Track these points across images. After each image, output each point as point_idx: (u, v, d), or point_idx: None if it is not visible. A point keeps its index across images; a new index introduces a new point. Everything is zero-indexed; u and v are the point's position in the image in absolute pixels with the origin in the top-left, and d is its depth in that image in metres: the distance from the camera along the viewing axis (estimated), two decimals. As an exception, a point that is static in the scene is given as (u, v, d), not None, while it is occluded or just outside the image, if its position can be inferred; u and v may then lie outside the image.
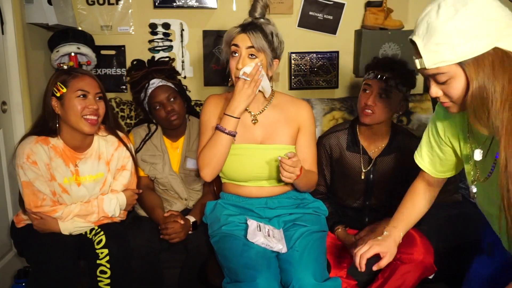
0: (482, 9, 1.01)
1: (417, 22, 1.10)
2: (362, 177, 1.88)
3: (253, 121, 1.74)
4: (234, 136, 1.65)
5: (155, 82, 2.04)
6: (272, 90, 1.78)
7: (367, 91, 1.80)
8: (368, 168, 1.88)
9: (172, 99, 2.02)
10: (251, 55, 1.63)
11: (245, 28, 1.66)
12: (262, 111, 1.75)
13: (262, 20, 1.69)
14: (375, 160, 1.88)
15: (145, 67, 2.09)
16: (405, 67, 1.80)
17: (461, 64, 1.02)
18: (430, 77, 1.09)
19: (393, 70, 1.76)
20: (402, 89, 1.78)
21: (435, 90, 1.10)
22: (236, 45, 1.64)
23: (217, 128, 1.66)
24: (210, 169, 1.68)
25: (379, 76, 1.77)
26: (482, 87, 1.01)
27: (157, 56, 2.78)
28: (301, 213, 1.74)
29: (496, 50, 1.00)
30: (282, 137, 1.74)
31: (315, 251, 1.59)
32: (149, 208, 2.02)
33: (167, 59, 2.16)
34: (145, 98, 2.07)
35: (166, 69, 2.08)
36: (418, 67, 1.09)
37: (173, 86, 2.07)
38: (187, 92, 2.22)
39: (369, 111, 1.78)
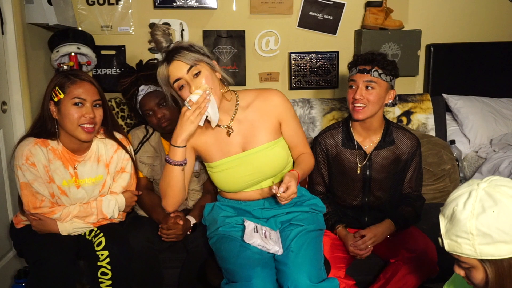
0: (511, 216, 0.97)
1: (448, 200, 1.08)
2: (358, 172, 1.89)
3: (228, 133, 1.67)
4: (182, 165, 1.59)
5: (144, 89, 2.02)
6: (233, 92, 1.71)
7: (353, 87, 1.84)
8: (364, 163, 1.89)
9: (162, 105, 2.00)
10: (195, 74, 1.55)
11: (169, 58, 1.57)
12: (233, 118, 1.68)
13: (172, 45, 1.61)
14: (370, 155, 1.89)
15: (134, 72, 2.06)
16: (385, 58, 1.84)
17: (480, 260, 1.00)
18: (454, 258, 1.08)
19: (374, 61, 1.81)
20: (385, 78, 1.81)
21: (458, 270, 1.09)
22: (177, 79, 1.56)
23: (165, 159, 1.62)
24: (168, 199, 1.66)
25: (361, 69, 1.81)
26: (501, 286, 0.99)
27: (157, 56, 2.78)
28: (297, 212, 1.72)
29: None
30: (263, 137, 1.68)
31: (310, 251, 1.57)
32: (149, 208, 2.01)
33: (155, 61, 2.11)
34: (136, 104, 2.07)
35: (153, 74, 2.04)
36: (441, 245, 1.08)
37: (162, 90, 2.05)
38: None
39: (359, 105, 1.80)
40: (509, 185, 1.02)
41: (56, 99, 1.71)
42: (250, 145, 1.67)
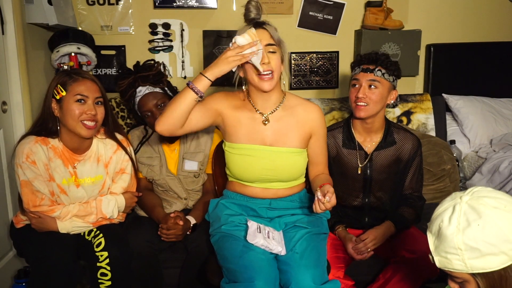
0: (496, 227, 0.96)
1: (433, 216, 1.07)
2: (359, 172, 1.89)
3: (264, 122, 1.69)
4: (199, 96, 1.54)
5: (142, 90, 2.02)
6: (283, 91, 1.74)
7: (356, 86, 1.85)
8: (365, 163, 1.90)
9: (160, 105, 1.99)
10: (271, 52, 1.58)
11: (258, 23, 1.60)
12: (273, 111, 1.70)
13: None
14: (371, 155, 1.89)
15: (132, 74, 2.06)
16: (388, 58, 1.85)
17: (472, 274, 1.00)
18: (447, 274, 1.08)
19: (378, 61, 1.82)
20: (388, 78, 1.83)
21: (453, 285, 1.09)
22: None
23: (187, 83, 1.56)
24: (162, 116, 1.57)
25: (365, 68, 1.82)
26: None
27: (157, 56, 2.78)
28: (302, 214, 1.73)
29: None
30: (292, 140, 1.70)
31: (315, 253, 1.58)
32: (148, 208, 2.01)
33: (152, 62, 2.11)
34: (134, 105, 2.07)
35: (150, 75, 2.03)
36: (432, 262, 1.08)
37: (160, 90, 2.05)
38: (178, 92, 2.19)
39: (362, 103, 1.81)
40: (491, 195, 1.01)
41: (58, 97, 1.72)
42: (278, 143, 1.69)
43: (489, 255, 0.96)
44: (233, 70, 1.56)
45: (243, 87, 1.71)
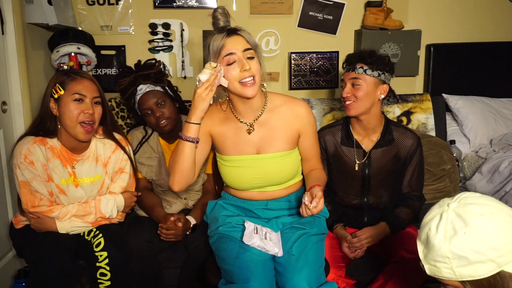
0: (483, 235, 0.96)
1: (422, 224, 1.07)
2: (356, 169, 1.90)
3: (248, 131, 1.66)
4: (194, 142, 1.57)
5: (142, 88, 2.02)
6: (264, 93, 1.68)
7: (343, 86, 1.87)
8: (363, 160, 1.90)
9: (161, 104, 2.00)
10: (249, 57, 1.53)
11: (231, 31, 1.54)
12: (258, 118, 1.66)
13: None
14: (369, 153, 1.90)
15: (132, 72, 2.06)
16: (373, 54, 1.84)
17: (462, 282, 1.00)
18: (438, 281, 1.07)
19: (360, 58, 1.82)
20: (372, 73, 1.81)
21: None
22: (230, 53, 1.52)
23: (178, 135, 1.60)
24: (175, 175, 1.60)
25: (348, 68, 1.85)
26: None
27: (157, 56, 2.78)
28: (300, 215, 1.72)
29: (502, 273, 0.97)
30: (280, 144, 1.67)
31: (311, 255, 1.57)
32: (148, 207, 2.01)
33: (153, 61, 2.12)
34: (134, 104, 2.07)
35: (152, 73, 2.03)
36: (423, 269, 1.08)
37: (161, 89, 2.05)
38: (178, 92, 2.20)
39: (348, 102, 1.83)
40: (478, 202, 1.00)
41: (56, 96, 1.73)
42: (265, 150, 1.67)
43: (477, 263, 0.96)
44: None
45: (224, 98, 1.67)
